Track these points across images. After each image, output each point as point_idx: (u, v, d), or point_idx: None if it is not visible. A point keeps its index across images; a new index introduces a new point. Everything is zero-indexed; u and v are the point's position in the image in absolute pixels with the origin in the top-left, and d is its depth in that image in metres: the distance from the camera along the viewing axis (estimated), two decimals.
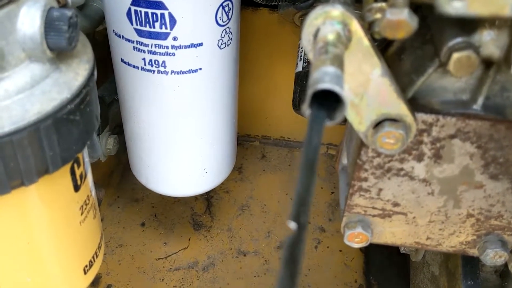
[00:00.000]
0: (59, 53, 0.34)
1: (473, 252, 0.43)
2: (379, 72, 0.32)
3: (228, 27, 0.60)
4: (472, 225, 0.41)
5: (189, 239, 0.91)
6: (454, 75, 0.31)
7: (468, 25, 0.31)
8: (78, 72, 0.35)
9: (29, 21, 0.31)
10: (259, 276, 0.87)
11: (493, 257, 0.42)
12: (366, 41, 0.31)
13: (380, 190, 0.40)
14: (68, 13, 0.32)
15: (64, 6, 0.41)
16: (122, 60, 0.61)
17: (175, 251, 0.89)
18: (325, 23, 0.30)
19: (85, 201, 0.42)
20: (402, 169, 0.38)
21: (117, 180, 0.99)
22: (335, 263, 0.91)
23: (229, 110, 0.68)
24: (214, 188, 0.99)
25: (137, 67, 0.60)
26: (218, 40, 0.59)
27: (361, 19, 0.32)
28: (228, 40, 0.61)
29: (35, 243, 0.38)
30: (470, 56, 0.30)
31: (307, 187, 0.22)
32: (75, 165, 0.39)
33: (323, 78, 0.24)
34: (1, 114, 0.31)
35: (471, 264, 0.49)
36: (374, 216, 0.42)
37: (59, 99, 0.33)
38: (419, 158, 0.37)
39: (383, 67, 0.32)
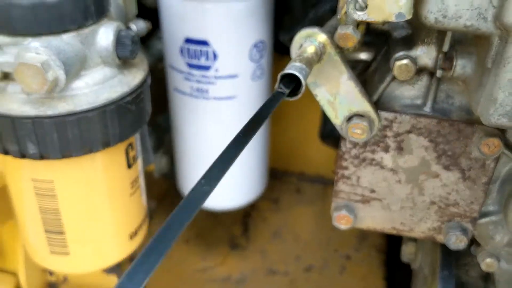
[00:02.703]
0: (124, 62, 0.48)
1: (440, 238, 0.52)
2: (346, 77, 0.44)
3: (260, 64, 0.74)
4: (436, 211, 0.50)
5: (226, 257, 1.02)
6: (397, 78, 0.42)
7: (409, 43, 0.43)
8: (136, 76, 0.49)
9: (105, 37, 0.46)
10: None
11: (455, 241, 0.50)
12: (335, 54, 0.43)
13: (359, 177, 0.50)
14: (132, 33, 0.47)
15: None
16: (175, 89, 0.76)
17: (212, 265, 1.00)
18: (307, 40, 0.43)
19: (135, 179, 0.55)
20: (373, 159, 0.49)
21: (168, 203, 1.13)
22: None
23: (261, 134, 0.81)
24: (251, 214, 1.11)
25: (186, 94, 0.75)
26: (251, 73, 0.73)
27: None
28: (260, 74, 0.75)
29: (96, 202, 0.52)
30: (408, 64, 0.41)
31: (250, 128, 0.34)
32: (129, 148, 0.53)
33: (290, 67, 0.37)
34: (82, 97, 0.45)
35: (447, 258, 0.57)
36: (356, 201, 0.52)
37: (121, 92, 0.47)
38: (386, 149, 0.48)
39: (349, 73, 0.44)
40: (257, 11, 0.69)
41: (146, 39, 0.83)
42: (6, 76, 0.44)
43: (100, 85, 0.46)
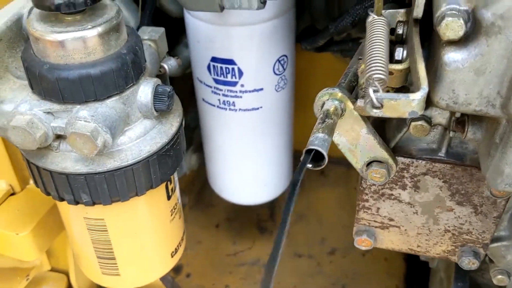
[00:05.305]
0: (161, 113, 0.53)
1: (454, 259, 0.57)
2: (365, 131, 0.47)
3: (284, 75, 0.77)
4: (450, 238, 0.55)
5: (254, 241, 1.09)
6: (413, 135, 0.46)
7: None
8: (172, 123, 0.54)
9: (144, 94, 0.50)
10: (311, 276, 1.03)
11: (467, 263, 0.55)
12: (355, 112, 0.46)
13: (378, 208, 0.55)
14: (168, 89, 0.51)
15: (163, 74, 0.60)
16: (203, 99, 0.80)
17: (242, 249, 1.07)
18: (329, 99, 0.46)
19: (174, 206, 0.61)
20: (392, 194, 0.53)
21: (198, 189, 1.19)
22: (380, 270, 1.04)
23: (284, 138, 0.85)
24: (277, 199, 1.17)
25: (214, 105, 0.79)
26: (275, 85, 0.77)
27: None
28: (283, 85, 0.78)
29: (141, 233, 0.58)
30: (423, 125, 0.45)
31: (292, 196, 0.38)
32: (168, 183, 0.58)
33: (313, 141, 0.41)
34: (127, 152, 0.50)
35: (462, 270, 0.62)
36: (376, 227, 0.57)
37: (160, 143, 0.51)
38: (403, 187, 0.52)
39: (368, 127, 0.47)
40: (279, 30, 0.71)
41: (174, 46, 0.87)
42: (58, 137, 0.49)
43: (142, 138, 0.51)
